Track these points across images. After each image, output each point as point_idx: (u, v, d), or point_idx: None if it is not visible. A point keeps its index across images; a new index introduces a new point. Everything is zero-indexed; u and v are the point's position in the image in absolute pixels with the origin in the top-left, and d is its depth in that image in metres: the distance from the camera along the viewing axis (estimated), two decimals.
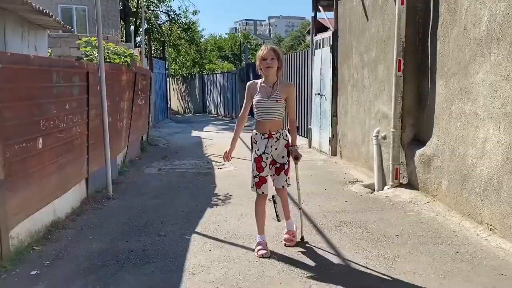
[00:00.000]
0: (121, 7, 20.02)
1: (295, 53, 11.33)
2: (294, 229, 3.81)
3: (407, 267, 3.29)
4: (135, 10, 22.37)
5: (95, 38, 6.62)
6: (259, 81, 3.67)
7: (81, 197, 5.17)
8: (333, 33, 8.18)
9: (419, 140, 5.42)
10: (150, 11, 23.89)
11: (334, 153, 8.34)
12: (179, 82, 28.76)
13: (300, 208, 3.90)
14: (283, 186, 3.65)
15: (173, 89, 27.96)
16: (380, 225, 4.28)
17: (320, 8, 9.20)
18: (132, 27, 22.33)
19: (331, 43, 8.19)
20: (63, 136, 4.48)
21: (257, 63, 3.59)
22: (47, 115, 4.06)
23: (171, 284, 3.09)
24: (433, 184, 5.00)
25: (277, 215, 3.69)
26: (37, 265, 3.41)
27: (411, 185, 5.46)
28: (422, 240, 3.85)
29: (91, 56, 6.59)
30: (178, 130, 14.38)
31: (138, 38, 22.71)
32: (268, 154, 3.58)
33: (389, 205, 5.01)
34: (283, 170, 3.60)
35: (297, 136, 3.97)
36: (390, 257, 3.48)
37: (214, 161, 8.34)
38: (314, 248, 3.72)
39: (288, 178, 3.65)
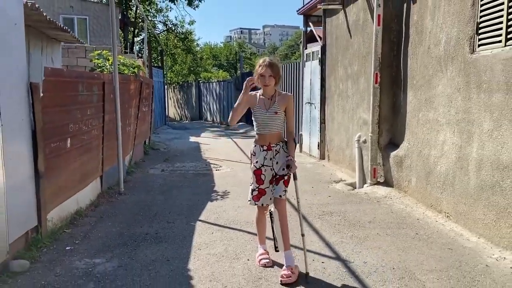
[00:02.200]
0: (120, 17, 20.80)
1: (288, 65, 12.13)
2: (294, 265, 3.41)
3: (374, 244, 4.03)
4: (133, 20, 23.15)
5: (106, 51, 7.38)
6: (258, 93, 3.59)
7: (97, 192, 5.87)
8: (321, 47, 8.98)
9: (394, 143, 6.19)
10: (148, 21, 24.69)
11: (322, 156, 9.10)
12: (175, 90, 29.51)
13: (302, 235, 3.53)
14: (280, 196, 3.50)
15: (170, 97, 28.68)
16: (356, 214, 5.03)
17: (310, 24, 10.03)
18: (133, 37, 23.06)
19: (320, 56, 8.99)
20: (85, 137, 5.20)
21: (255, 77, 3.49)
22: (74, 119, 4.78)
23: (182, 256, 3.81)
24: (404, 182, 5.76)
25: (275, 243, 3.51)
26: (70, 242, 4.12)
27: (387, 183, 6.22)
28: (390, 225, 4.60)
29: (103, 67, 7.31)
30: (176, 136, 15.10)
31: (136, 47, 23.53)
32: (268, 166, 3.50)
33: (366, 199, 5.77)
34: (282, 180, 3.51)
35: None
36: (361, 237, 4.23)
37: (212, 163, 9.06)
38: (299, 231, 4.43)
39: (286, 189, 3.54)
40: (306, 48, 10.16)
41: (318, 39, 9.39)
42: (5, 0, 3.47)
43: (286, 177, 3.51)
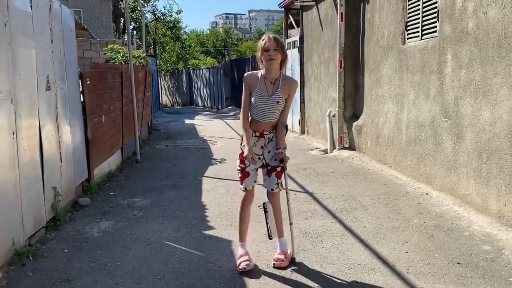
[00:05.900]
0: (112, 9, 21.94)
1: None
2: (288, 251, 3.41)
3: (332, 184, 5.61)
4: (123, 11, 24.25)
5: (117, 45, 8.78)
6: (259, 72, 3.29)
7: (119, 160, 7.34)
8: (300, 37, 10.45)
9: (356, 115, 7.74)
10: (137, 11, 25.81)
11: (303, 131, 10.65)
12: (166, 78, 30.74)
13: (290, 223, 3.44)
14: (272, 189, 3.34)
15: (162, 85, 29.90)
16: (324, 169, 6.60)
17: (290, 16, 11.48)
18: (123, 28, 24.18)
19: (299, 45, 10.47)
20: (112, 115, 6.65)
21: (258, 54, 3.22)
22: (105, 101, 6.22)
23: (196, 195, 5.34)
24: (363, 145, 7.34)
25: (268, 231, 3.33)
26: (112, 190, 5.62)
27: (351, 147, 7.80)
28: (347, 174, 6.18)
29: (115, 59, 8.70)
30: (172, 119, 16.54)
31: (125, 37, 24.68)
32: (257, 155, 3.32)
33: (333, 159, 7.35)
34: (275, 172, 3.33)
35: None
36: (324, 181, 5.80)
37: (208, 140, 10.56)
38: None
39: (280, 182, 3.36)
40: (287, 38, 11.61)
41: (297, 29, 10.85)
42: (68, 16, 4.89)
43: (279, 169, 3.33)
